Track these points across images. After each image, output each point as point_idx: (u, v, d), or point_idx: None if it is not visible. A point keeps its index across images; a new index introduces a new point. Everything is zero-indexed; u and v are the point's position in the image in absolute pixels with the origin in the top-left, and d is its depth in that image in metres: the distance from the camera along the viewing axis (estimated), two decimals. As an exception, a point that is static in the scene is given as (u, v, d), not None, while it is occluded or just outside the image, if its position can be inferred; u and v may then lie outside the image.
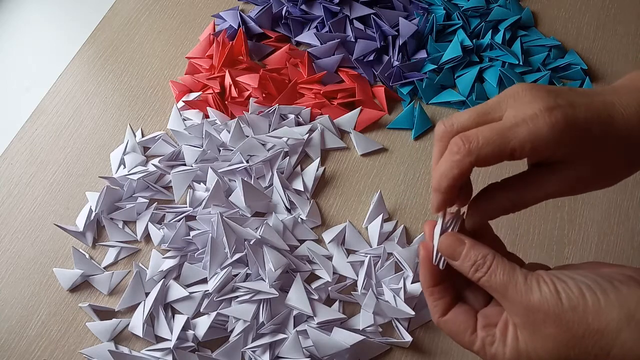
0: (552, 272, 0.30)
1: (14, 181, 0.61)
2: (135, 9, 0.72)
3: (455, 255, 0.32)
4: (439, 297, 0.33)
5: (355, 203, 0.59)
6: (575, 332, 0.27)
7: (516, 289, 0.29)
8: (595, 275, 0.29)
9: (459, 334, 0.32)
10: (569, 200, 0.58)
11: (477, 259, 0.31)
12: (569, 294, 0.28)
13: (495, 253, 0.31)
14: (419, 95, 0.65)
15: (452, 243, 0.32)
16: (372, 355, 0.51)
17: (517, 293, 0.29)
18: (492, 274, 0.30)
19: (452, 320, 0.32)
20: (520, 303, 0.29)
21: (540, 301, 0.28)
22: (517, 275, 0.29)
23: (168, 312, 0.53)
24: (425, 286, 0.34)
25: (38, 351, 0.52)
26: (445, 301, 0.33)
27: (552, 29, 0.70)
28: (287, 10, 0.68)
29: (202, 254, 0.53)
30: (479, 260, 0.31)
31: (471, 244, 0.31)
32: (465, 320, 0.32)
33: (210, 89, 0.64)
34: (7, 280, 0.55)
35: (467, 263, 0.31)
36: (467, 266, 0.31)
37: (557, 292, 0.28)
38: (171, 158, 0.59)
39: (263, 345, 0.50)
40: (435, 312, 0.33)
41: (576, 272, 0.29)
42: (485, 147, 0.30)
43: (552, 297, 0.28)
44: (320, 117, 0.62)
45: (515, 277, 0.29)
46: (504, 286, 0.29)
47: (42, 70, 0.68)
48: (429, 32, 0.67)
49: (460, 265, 0.31)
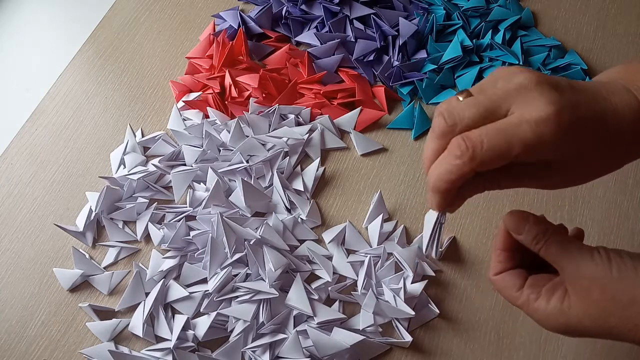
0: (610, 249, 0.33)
1: (14, 181, 0.61)
2: (135, 9, 0.72)
3: (520, 230, 0.35)
4: (502, 259, 0.37)
5: (355, 203, 0.59)
6: (620, 300, 0.30)
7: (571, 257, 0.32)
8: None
9: (507, 289, 0.35)
10: (569, 200, 0.58)
11: (538, 232, 0.34)
12: (621, 265, 0.31)
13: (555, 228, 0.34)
14: (419, 95, 0.65)
15: (517, 219, 0.35)
16: (372, 355, 0.51)
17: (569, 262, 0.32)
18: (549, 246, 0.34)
19: (503, 278, 0.36)
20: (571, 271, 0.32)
21: (590, 269, 0.31)
22: (572, 247, 0.33)
23: (168, 312, 0.53)
24: (495, 247, 0.37)
25: (38, 351, 0.52)
26: (504, 265, 0.36)
27: (552, 29, 0.70)
28: (287, 10, 0.68)
29: (202, 254, 0.53)
30: (540, 234, 0.34)
31: (534, 219, 0.35)
32: (514, 279, 0.35)
33: (210, 89, 0.64)
34: (7, 280, 0.55)
35: (530, 236, 0.34)
36: (530, 239, 0.34)
37: (610, 263, 0.31)
38: (171, 158, 0.59)
39: (263, 345, 0.50)
40: (493, 269, 0.37)
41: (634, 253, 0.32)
42: (488, 152, 0.29)
43: (604, 267, 0.31)
44: (320, 117, 0.62)
45: (570, 249, 0.33)
46: (558, 256, 0.33)
47: (42, 70, 0.68)
48: (429, 32, 0.67)
49: (524, 238, 0.35)
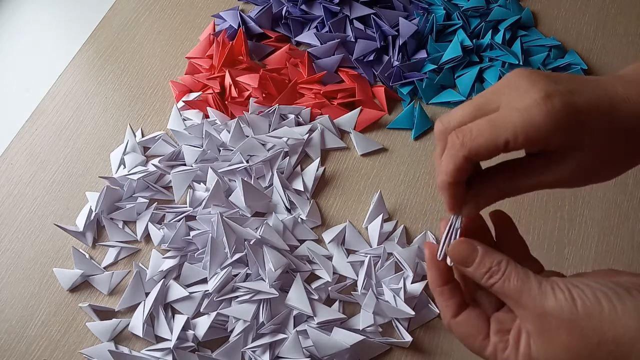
0: (567, 279, 0.29)
1: (14, 181, 0.61)
2: (135, 9, 0.72)
3: (468, 262, 0.31)
4: (449, 296, 0.32)
5: (355, 203, 0.59)
6: (590, 340, 0.26)
7: (530, 295, 0.28)
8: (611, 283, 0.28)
9: (471, 337, 0.31)
10: (569, 200, 0.58)
11: (492, 266, 0.30)
12: (585, 300, 0.27)
13: (509, 259, 0.30)
14: (419, 95, 0.65)
15: (464, 249, 0.31)
16: (372, 355, 0.51)
17: (531, 299, 0.28)
18: (506, 280, 0.29)
19: (464, 322, 0.32)
20: (534, 309, 0.28)
21: (554, 307, 0.27)
22: (532, 281, 0.29)
23: (168, 312, 0.53)
24: (434, 286, 0.33)
25: (38, 351, 0.52)
26: (455, 301, 0.32)
27: (552, 29, 0.70)
28: (287, 10, 0.68)
29: (202, 254, 0.53)
30: (494, 267, 0.30)
31: (484, 251, 0.30)
32: (477, 324, 0.31)
33: (210, 89, 0.64)
34: (7, 280, 0.55)
35: (481, 270, 0.30)
36: (481, 273, 0.30)
37: (573, 299, 0.27)
38: (171, 158, 0.59)
39: (263, 345, 0.50)
40: (447, 313, 0.32)
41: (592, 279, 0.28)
42: (477, 139, 0.29)
43: (567, 303, 0.27)
44: (320, 117, 0.62)
45: (530, 283, 0.28)
46: (517, 292, 0.29)
47: (42, 70, 0.68)
48: (429, 32, 0.67)
49: (474, 272, 0.30)
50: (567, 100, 0.28)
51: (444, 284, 0.32)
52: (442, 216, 0.57)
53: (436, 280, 0.33)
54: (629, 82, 0.30)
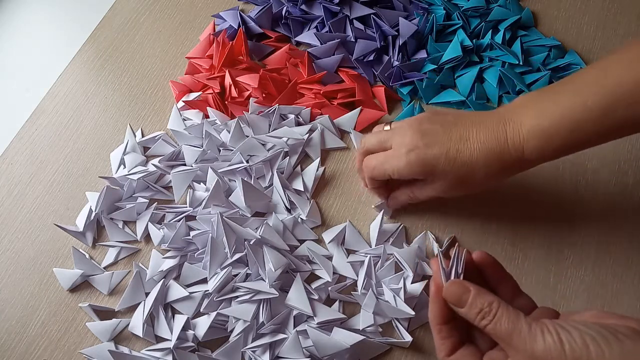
0: (556, 322, 0.30)
1: (14, 181, 0.61)
2: (135, 9, 0.72)
3: (461, 303, 0.32)
4: (447, 335, 0.34)
5: (355, 203, 0.59)
6: None
7: (520, 337, 0.29)
8: (599, 326, 0.29)
9: None
10: (569, 200, 0.58)
11: (484, 307, 0.31)
12: (573, 344, 0.28)
13: (501, 301, 0.32)
14: (419, 95, 0.65)
15: (457, 290, 0.32)
16: (372, 355, 0.51)
17: (521, 341, 0.29)
18: (498, 322, 0.31)
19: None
20: (525, 352, 0.29)
21: (544, 351, 0.28)
22: (522, 323, 0.30)
23: (168, 312, 0.53)
24: (434, 323, 0.34)
25: (38, 351, 0.52)
26: (452, 341, 0.33)
27: (552, 29, 0.70)
28: (287, 10, 0.68)
29: (202, 254, 0.53)
30: (485, 308, 0.31)
31: (477, 292, 0.32)
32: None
33: (210, 89, 0.64)
34: (7, 280, 0.55)
35: (474, 311, 0.32)
36: (474, 314, 0.32)
37: (561, 342, 0.28)
38: (171, 158, 0.59)
39: (263, 345, 0.50)
40: (442, 351, 0.34)
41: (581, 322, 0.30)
42: (374, 171, 0.50)
43: (556, 347, 0.28)
44: (320, 117, 0.62)
45: (520, 325, 0.30)
46: (508, 334, 0.30)
47: (42, 70, 0.68)
48: (429, 32, 0.67)
49: (467, 312, 0.32)
50: (420, 153, 0.46)
51: (444, 323, 0.34)
52: (443, 216, 0.58)
53: (437, 317, 0.34)
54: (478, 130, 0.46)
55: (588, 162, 0.60)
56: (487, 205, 0.58)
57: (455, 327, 0.34)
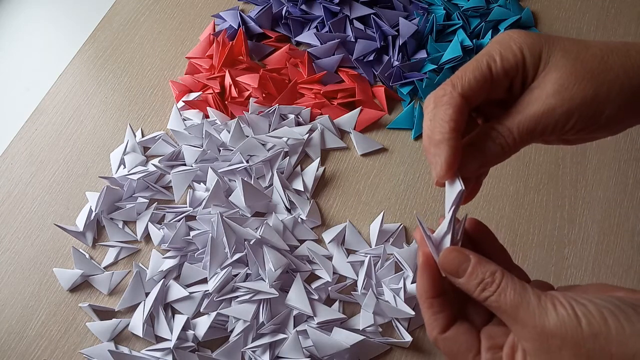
0: (568, 294, 0.26)
1: (14, 181, 0.61)
2: (135, 9, 0.72)
3: (459, 272, 0.28)
4: (439, 310, 0.30)
5: (355, 203, 0.59)
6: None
7: (528, 310, 0.26)
8: (616, 299, 0.25)
9: (460, 355, 0.29)
10: (569, 200, 0.58)
11: (485, 277, 0.27)
12: (590, 318, 0.24)
13: (504, 270, 0.27)
14: (419, 95, 0.65)
15: (455, 258, 0.28)
16: (372, 355, 0.51)
17: (529, 315, 0.26)
18: (502, 293, 0.27)
19: (453, 338, 0.29)
20: (534, 327, 0.25)
21: (556, 326, 0.25)
22: (530, 295, 0.26)
23: (168, 312, 0.53)
24: (424, 297, 0.30)
25: (38, 351, 0.52)
26: (445, 316, 0.29)
27: (552, 29, 0.70)
28: (287, 10, 0.68)
29: (202, 254, 0.53)
30: (487, 279, 0.27)
31: (477, 260, 0.28)
32: (468, 341, 0.28)
33: (210, 89, 0.64)
34: (7, 280, 0.55)
35: (474, 281, 0.27)
36: (474, 285, 0.27)
37: (577, 317, 0.25)
38: (171, 158, 0.59)
39: (263, 345, 0.50)
40: (434, 328, 0.29)
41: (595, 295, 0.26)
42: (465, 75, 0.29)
43: (571, 321, 0.25)
44: (320, 117, 0.62)
45: (528, 297, 0.26)
46: (514, 307, 0.26)
47: (42, 70, 0.68)
48: (429, 32, 0.67)
49: (465, 283, 0.28)
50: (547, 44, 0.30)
51: (435, 296, 0.30)
52: (442, 215, 0.58)
53: (427, 290, 0.30)
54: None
55: (588, 162, 0.60)
56: (487, 205, 0.58)
57: (448, 301, 0.30)
